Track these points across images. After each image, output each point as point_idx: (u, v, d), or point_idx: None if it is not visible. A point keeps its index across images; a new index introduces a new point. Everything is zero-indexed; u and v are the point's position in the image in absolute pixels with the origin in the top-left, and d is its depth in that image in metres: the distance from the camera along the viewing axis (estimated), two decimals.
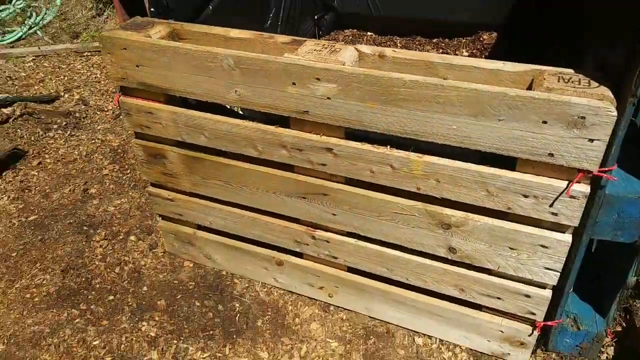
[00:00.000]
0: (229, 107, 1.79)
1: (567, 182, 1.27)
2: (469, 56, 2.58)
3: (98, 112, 3.07)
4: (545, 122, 1.18)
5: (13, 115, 2.90)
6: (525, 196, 1.33)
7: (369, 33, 2.86)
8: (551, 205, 1.31)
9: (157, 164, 1.84)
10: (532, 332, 1.62)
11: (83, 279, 2.05)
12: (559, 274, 1.45)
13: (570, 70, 1.23)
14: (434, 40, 2.76)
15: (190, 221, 1.99)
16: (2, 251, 2.18)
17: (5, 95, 3.08)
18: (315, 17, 2.82)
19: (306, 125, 1.48)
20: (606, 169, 1.23)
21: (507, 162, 1.32)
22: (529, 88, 1.30)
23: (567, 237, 1.38)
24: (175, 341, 1.82)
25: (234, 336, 1.84)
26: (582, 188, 1.26)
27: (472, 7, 2.60)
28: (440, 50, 2.68)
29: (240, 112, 1.83)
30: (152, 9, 1.66)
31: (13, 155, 2.65)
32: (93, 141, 2.82)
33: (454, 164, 1.36)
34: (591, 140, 1.17)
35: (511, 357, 1.72)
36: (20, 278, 2.06)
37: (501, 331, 1.67)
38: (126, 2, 1.75)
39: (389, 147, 1.42)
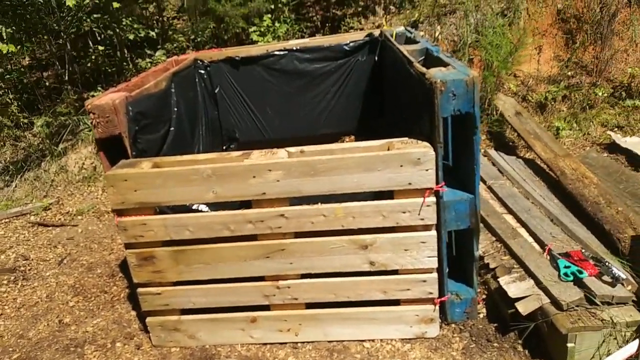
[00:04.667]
0: (189, 207, 2.50)
1: (422, 198, 2.23)
2: None
3: (41, 262, 3.42)
4: (402, 166, 2.16)
5: None
6: (404, 212, 2.25)
7: None
8: (419, 214, 2.25)
9: (147, 265, 2.41)
10: (435, 308, 2.46)
11: None
12: (436, 258, 2.35)
13: (406, 138, 2.27)
14: None
15: (175, 308, 2.52)
16: None
17: None
18: (224, 147, 3.76)
19: (264, 203, 2.28)
20: (439, 185, 2.24)
21: (389, 195, 2.26)
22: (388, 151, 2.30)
23: (434, 233, 2.31)
24: None
25: None
26: (431, 199, 2.24)
27: (332, 124, 3.86)
28: None
29: (199, 209, 2.55)
30: (133, 153, 2.39)
31: None
32: (48, 285, 3.16)
33: (360, 204, 2.26)
34: (427, 170, 2.17)
35: (428, 333, 2.51)
36: None
37: (417, 315, 2.47)
38: (107, 154, 2.44)
39: (319, 203, 2.27)
